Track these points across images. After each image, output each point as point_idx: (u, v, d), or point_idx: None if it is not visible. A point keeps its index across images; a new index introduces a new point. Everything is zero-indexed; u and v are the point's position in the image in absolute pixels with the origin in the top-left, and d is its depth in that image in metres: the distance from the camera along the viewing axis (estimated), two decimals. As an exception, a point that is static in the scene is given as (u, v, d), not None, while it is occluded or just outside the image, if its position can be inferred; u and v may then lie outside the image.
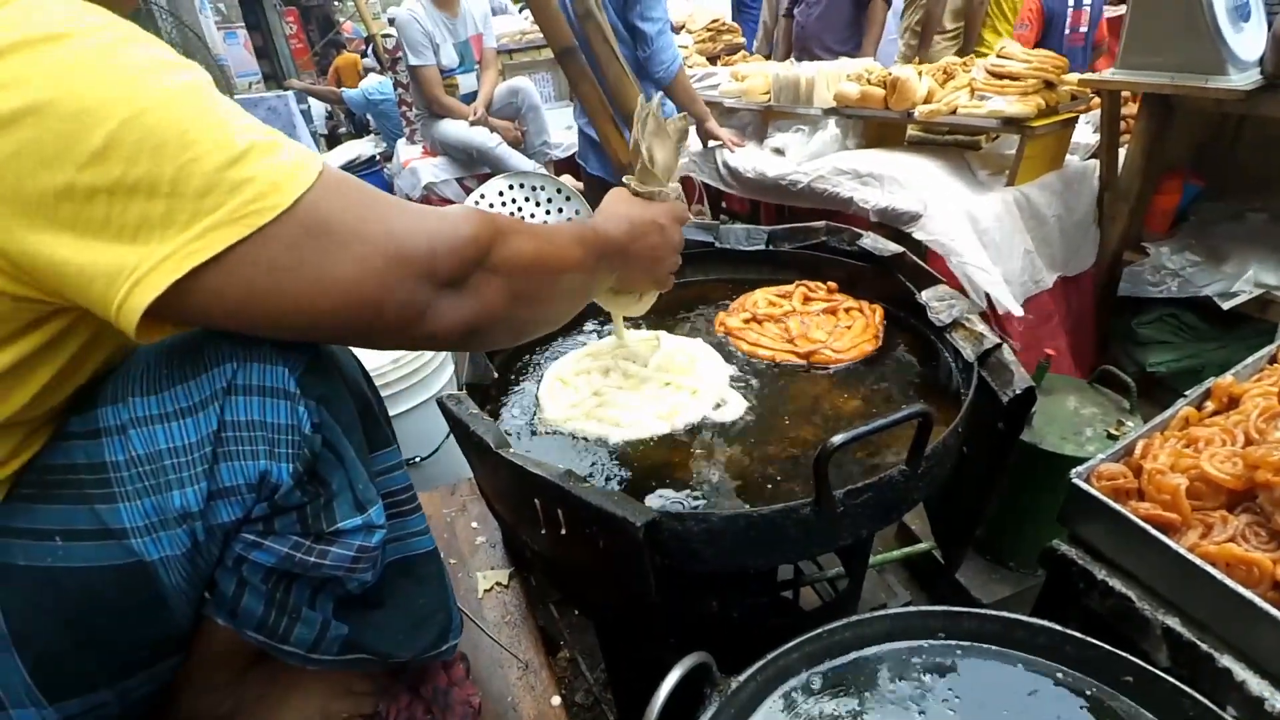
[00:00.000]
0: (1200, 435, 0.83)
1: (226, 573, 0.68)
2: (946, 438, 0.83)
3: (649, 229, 0.88)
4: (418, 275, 0.56)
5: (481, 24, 3.71)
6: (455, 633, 0.88)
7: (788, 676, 0.79)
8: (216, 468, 0.62)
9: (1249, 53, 1.44)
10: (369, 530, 0.72)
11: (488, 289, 0.62)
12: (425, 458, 1.67)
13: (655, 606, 0.81)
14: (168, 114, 0.49)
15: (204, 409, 0.62)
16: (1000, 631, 0.79)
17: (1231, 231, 1.79)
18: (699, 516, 0.75)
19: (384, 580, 0.79)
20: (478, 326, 0.62)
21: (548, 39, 1.55)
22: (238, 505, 0.64)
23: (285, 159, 0.53)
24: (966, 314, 1.08)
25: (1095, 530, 0.81)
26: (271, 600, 0.70)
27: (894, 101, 2.27)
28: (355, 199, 0.55)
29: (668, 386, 1.06)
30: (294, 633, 0.72)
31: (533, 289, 0.68)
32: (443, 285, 0.58)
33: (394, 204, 0.58)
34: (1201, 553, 0.70)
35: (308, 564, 0.69)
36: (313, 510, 0.68)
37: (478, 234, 0.60)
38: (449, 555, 1.17)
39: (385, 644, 0.80)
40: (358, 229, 0.54)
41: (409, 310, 0.57)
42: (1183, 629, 0.71)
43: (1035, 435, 1.49)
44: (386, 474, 0.79)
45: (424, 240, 0.57)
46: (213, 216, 0.50)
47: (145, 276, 0.49)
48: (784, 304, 1.29)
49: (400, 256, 0.55)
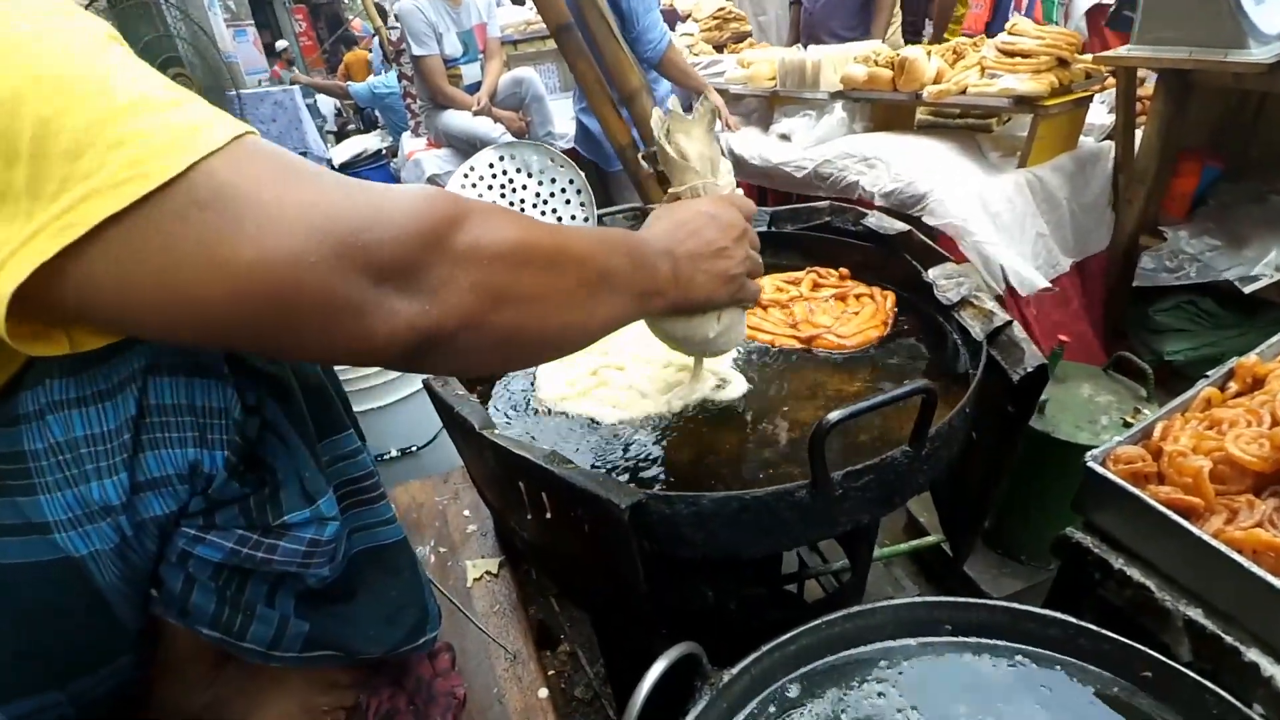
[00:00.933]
0: (1224, 416, 0.78)
1: (172, 569, 0.63)
2: (953, 418, 0.79)
3: (697, 221, 0.72)
4: (348, 261, 0.43)
5: (485, 13, 3.68)
6: (432, 625, 0.84)
7: (783, 671, 0.75)
8: (141, 457, 0.56)
9: (1271, 26, 1.38)
10: (320, 523, 0.66)
11: (452, 284, 0.48)
12: (422, 447, 1.65)
13: (645, 595, 0.78)
14: (34, 59, 0.40)
15: (122, 391, 0.55)
16: (1010, 624, 0.74)
17: (1252, 214, 1.73)
18: (687, 499, 0.71)
19: (352, 573, 0.74)
20: (439, 334, 0.48)
21: (544, 16, 1.51)
22: (170, 497, 0.58)
23: (183, 117, 0.42)
24: (976, 291, 1.03)
25: (1112, 517, 0.77)
26: (223, 597, 0.65)
27: (902, 83, 2.21)
28: (272, 169, 0.44)
29: (668, 367, 1.03)
30: (250, 630, 0.68)
31: (522, 286, 0.53)
32: (385, 277, 0.45)
33: (326, 178, 0.46)
34: (1226, 539, 0.65)
35: (256, 559, 0.64)
36: (256, 502, 0.63)
37: (433, 211, 0.47)
38: (440, 544, 1.14)
39: (355, 640, 0.76)
40: (267, 202, 0.42)
41: (337, 307, 0.44)
42: (1206, 620, 0.66)
43: (1048, 424, 1.44)
44: (344, 460, 0.73)
45: (358, 218, 0.44)
46: (86, 184, 0.39)
47: (5, 262, 0.39)
48: (791, 290, 1.25)
49: (325, 235, 0.43)
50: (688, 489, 0.80)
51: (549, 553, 0.92)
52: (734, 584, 0.98)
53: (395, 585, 0.79)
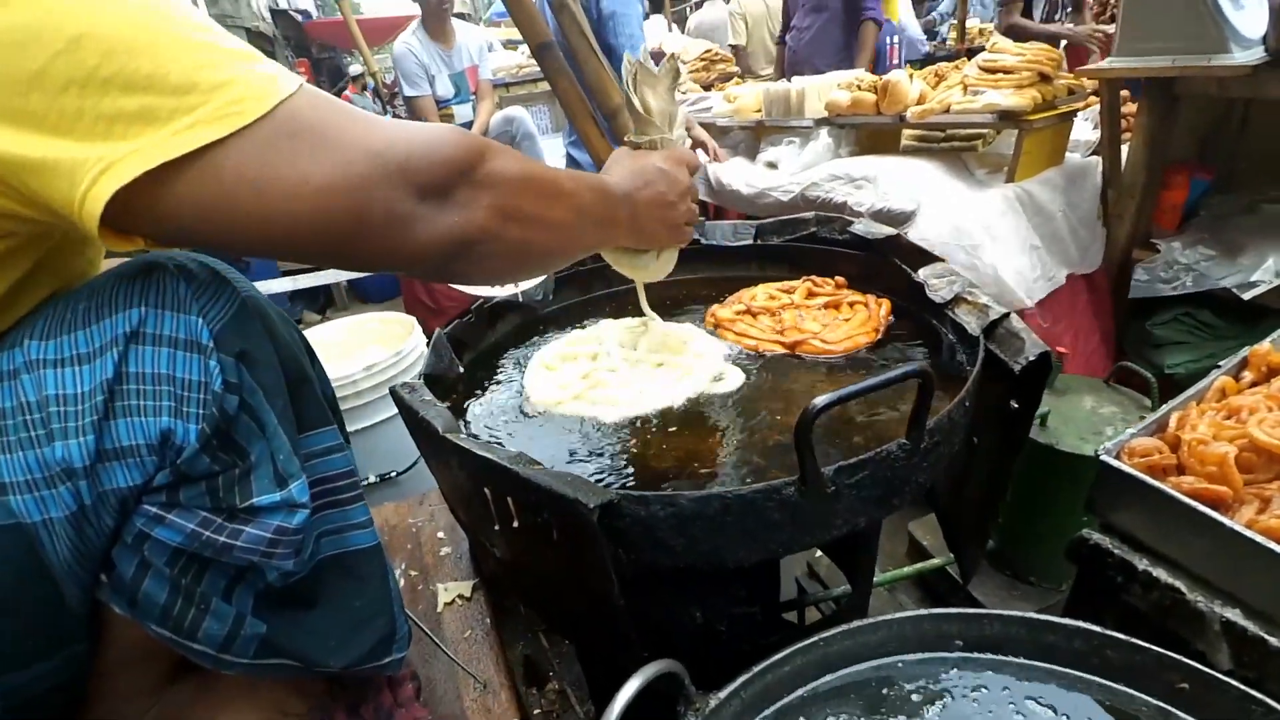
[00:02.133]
0: (1242, 404, 0.72)
1: (126, 551, 0.60)
2: (952, 410, 0.73)
3: (652, 175, 0.84)
4: (400, 181, 0.54)
5: (477, 56, 3.76)
6: (400, 645, 0.77)
7: (777, 695, 0.67)
8: (112, 423, 0.56)
9: (1252, 30, 1.38)
10: (289, 509, 0.63)
11: (475, 204, 0.59)
12: (401, 473, 1.57)
13: (620, 611, 0.70)
14: (148, 12, 0.48)
15: (101, 355, 0.56)
16: (1027, 637, 0.67)
17: (1245, 223, 1.70)
18: (664, 499, 0.65)
19: (317, 577, 0.70)
20: (466, 241, 0.59)
21: (524, 35, 1.50)
22: (135, 469, 0.57)
23: (267, 68, 0.52)
24: (969, 288, 0.99)
25: (1131, 514, 0.70)
26: (177, 587, 0.62)
27: (886, 105, 2.22)
28: (335, 109, 0.54)
29: (660, 367, 1.01)
30: (202, 626, 0.63)
31: (525, 208, 0.64)
32: (426, 195, 0.56)
33: (375, 118, 0.56)
34: (1262, 529, 0.59)
35: (217, 544, 0.61)
36: (225, 481, 0.61)
37: (461, 145, 0.58)
38: (411, 567, 1.06)
39: (313, 649, 0.70)
40: (338, 134, 0.52)
41: (395, 215, 0.54)
42: (1245, 622, 0.59)
43: (1052, 436, 1.38)
44: (322, 456, 0.70)
45: (404, 147, 0.55)
46: (191, 115, 0.48)
47: (112, 166, 0.46)
48: (783, 298, 1.21)
49: (381, 160, 0.53)
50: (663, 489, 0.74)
51: (521, 570, 0.85)
52: (724, 602, 0.90)
53: (362, 594, 0.74)
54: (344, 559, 0.73)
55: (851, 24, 3.71)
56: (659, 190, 0.84)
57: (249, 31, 10.59)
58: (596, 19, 2.34)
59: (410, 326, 1.77)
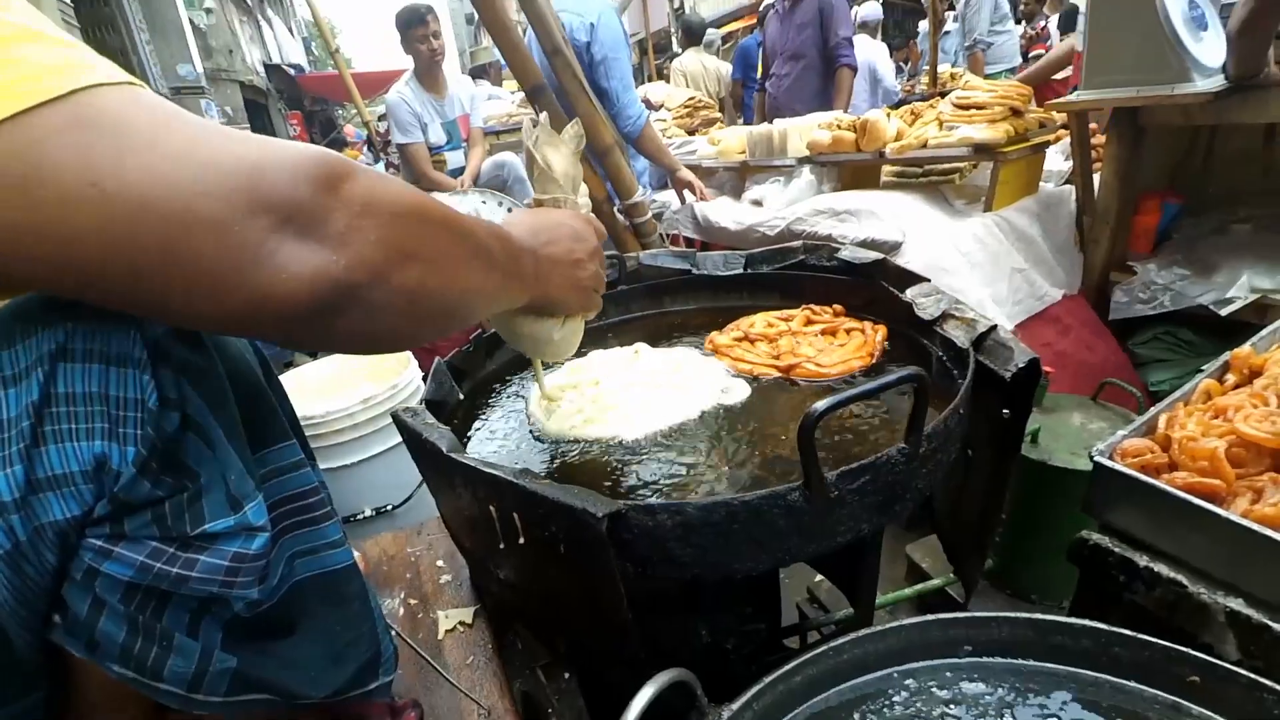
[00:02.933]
0: (1228, 403, 0.74)
1: (78, 589, 0.55)
2: (948, 418, 0.75)
3: (557, 231, 0.77)
4: (243, 196, 0.41)
5: (468, 105, 3.88)
6: (387, 668, 0.74)
7: (789, 706, 0.67)
8: (42, 450, 0.50)
9: (1211, 59, 1.46)
10: (247, 534, 0.58)
11: (358, 234, 0.46)
12: (397, 506, 1.56)
13: (628, 626, 0.70)
14: None
15: (26, 377, 0.50)
16: (1036, 639, 0.67)
17: (1217, 244, 1.77)
18: (671, 508, 0.65)
19: (292, 602, 0.66)
20: (348, 285, 0.45)
21: (517, 77, 1.57)
22: (72, 499, 0.52)
23: (79, 54, 0.41)
24: (955, 305, 1.01)
25: (1129, 513, 0.71)
26: (135, 625, 0.57)
27: (865, 143, 2.30)
28: (164, 110, 0.42)
29: (659, 389, 1.02)
30: (167, 665, 0.58)
31: (422, 245, 0.52)
32: (286, 220, 0.43)
33: (221, 128, 0.44)
34: (1258, 517, 0.60)
35: (170, 575, 0.55)
36: (173, 508, 0.55)
37: (326, 159, 0.46)
38: (410, 595, 1.04)
39: (291, 680, 0.66)
40: (156, 130, 0.40)
41: (232, 245, 0.41)
42: (1250, 611, 0.60)
43: (1044, 453, 1.40)
44: (285, 474, 0.66)
45: (252, 155, 0.42)
46: None
47: None
48: (781, 325, 1.23)
49: (219, 169, 0.41)
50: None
51: (526, 591, 0.84)
52: (731, 620, 0.89)
53: (342, 618, 0.70)
54: (321, 580, 0.69)
55: (828, 70, 3.89)
56: (566, 246, 0.76)
57: (243, 84, 10.81)
58: (589, 64, 2.44)
59: (405, 360, 1.78)
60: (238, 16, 12.49)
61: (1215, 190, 1.97)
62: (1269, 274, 1.58)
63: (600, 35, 2.45)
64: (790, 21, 3.88)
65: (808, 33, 3.81)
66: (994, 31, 5.20)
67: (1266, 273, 1.58)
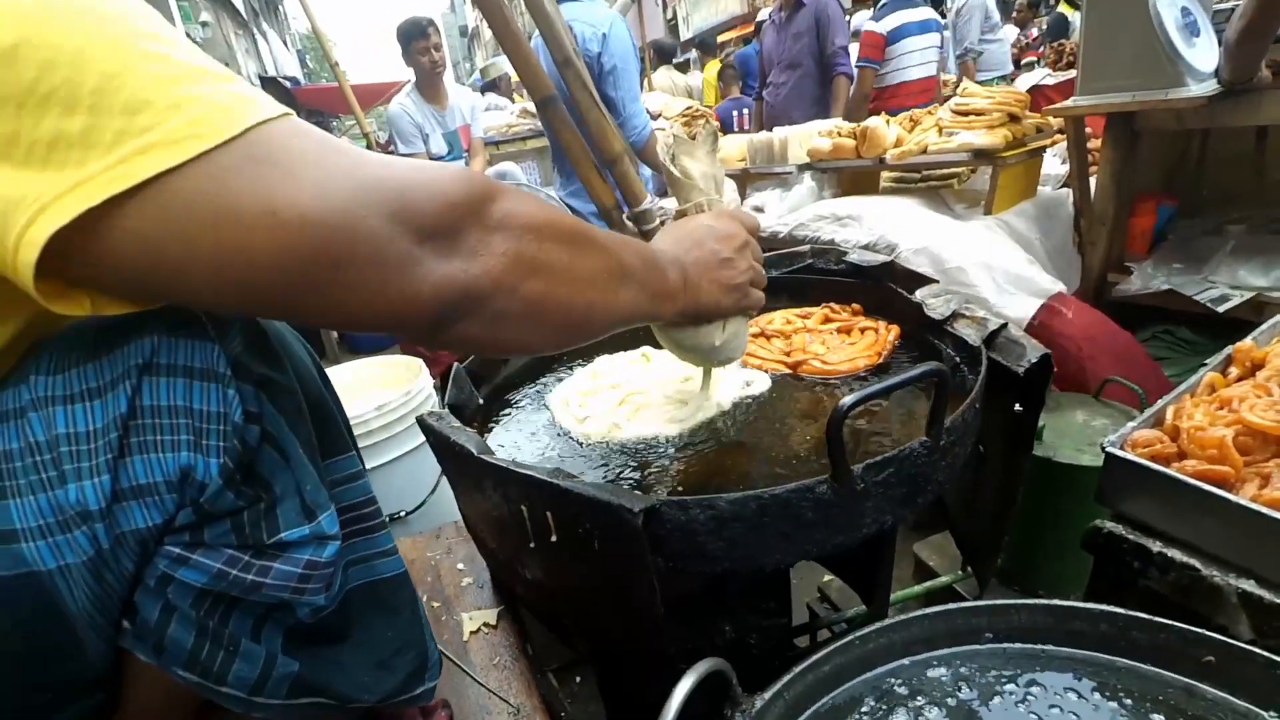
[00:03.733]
0: (1232, 395, 0.77)
1: (149, 595, 0.56)
2: (965, 411, 0.77)
3: (701, 234, 0.76)
4: (393, 214, 0.46)
5: (469, 115, 3.91)
6: (433, 673, 0.76)
7: (819, 694, 0.69)
8: (128, 461, 0.52)
9: (1204, 65, 1.50)
10: (319, 542, 0.60)
11: (487, 249, 0.50)
12: (410, 512, 1.57)
13: (660, 621, 0.72)
14: (98, 17, 0.41)
15: (113, 389, 0.52)
16: (1054, 625, 0.70)
17: (1212, 244, 1.81)
18: (704, 503, 0.68)
19: (346, 610, 0.68)
20: (475, 294, 0.50)
21: (528, 89, 1.59)
22: (155, 508, 0.53)
23: (241, 89, 0.44)
24: (966, 304, 1.04)
25: (1142, 501, 0.74)
26: (204, 630, 0.58)
27: (865, 150, 2.34)
28: (323, 140, 0.46)
29: (688, 381, 1.04)
30: (232, 669, 0.60)
31: (548, 257, 0.55)
32: (426, 236, 0.47)
33: (369, 153, 0.49)
34: (1267, 501, 0.63)
35: (245, 583, 0.57)
36: (250, 517, 0.57)
37: (471, 181, 0.50)
38: (433, 598, 1.06)
39: (346, 685, 0.68)
40: (318, 160, 0.44)
41: (385, 259, 0.45)
42: (1261, 591, 0.62)
43: (1049, 449, 1.43)
44: (345, 484, 0.69)
45: (405, 181, 0.47)
46: (142, 138, 0.40)
47: (51, 204, 0.39)
48: (798, 322, 1.26)
49: (371, 191, 0.45)
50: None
51: (554, 590, 0.86)
52: (754, 615, 0.91)
53: (393, 625, 0.72)
54: (373, 588, 0.72)
55: (824, 79, 3.94)
56: (711, 249, 0.75)
57: (239, 99, 10.77)
58: (598, 74, 2.48)
59: (417, 368, 1.79)
60: (233, 30, 12.55)
61: (1209, 192, 2.01)
62: (1263, 273, 1.62)
63: (612, 46, 2.49)
64: (787, 31, 3.93)
65: (804, 41, 3.87)
66: (984, 40, 5.28)
67: (1261, 271, 1.62)
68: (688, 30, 14.58)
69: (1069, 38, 5.13)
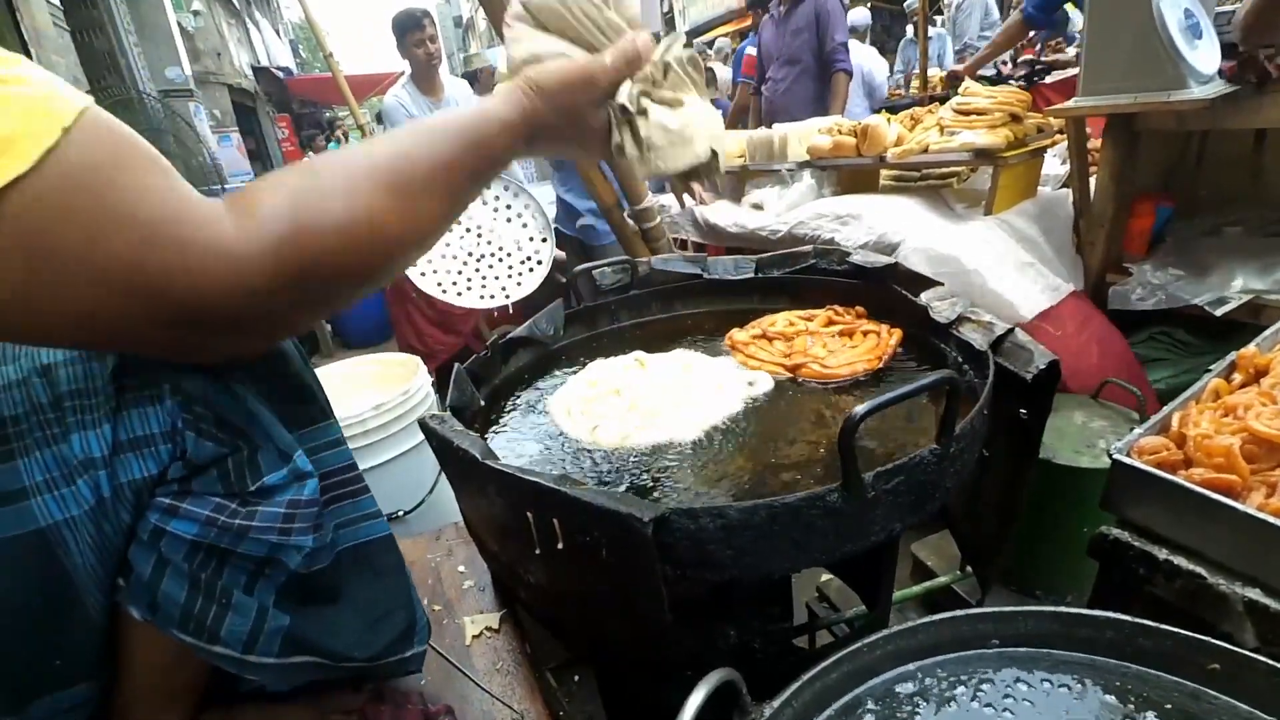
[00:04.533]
0: (1237, 402, 0.77)
1: (143, 550, 0.59)
2: (973, 418, 0.77)
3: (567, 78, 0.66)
4: (166, 322, 0.45)
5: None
6: (421, 637, 0.78)
7: (827, 701, 0.69)
8: (125, 413, 0.56)
9: (1206, 66, 1.51)
10: (299, 481, 0.63)
11: (259, 240, 0.47)
12: (408, 512, 1.56)
13: (668, 628, 0.72)
14: None
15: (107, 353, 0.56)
16: (1061, 631, 0.70)
17: (1210, 246, 1.82)
18: (713, 511, 0.67)
19: (336, 570, 0.69)
20: (292, 326, 0.56)
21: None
22: (151, 459, 0.57)
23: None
24: (971, 308, 1.04)
25: (1148, 508, 0.74)
26: (196, 583, 0.61)
27: (866, 148, 2.33)
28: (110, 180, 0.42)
29: (690, 389, 1.04)
30: (225, 624, 0.62)
31: (376, 248, 0.54)
32: (214, 330, 0.48)
33: (146, 185, 0.44)
34: (1275, 510, 0.63)
35: (233, 529, 0.60)
36: (235, 464, 0.60)
37: (228, 197, 0.49)
38: (434, 602, 1.05)
39: (337, 641, 0.70)
40: (90, 239, 0.41)
41: (169, 265, 0.44)
42: (1267, 600, 0.62)
43: (1048, 451, 1.43)
44: (328, 449, 0.70)
45: (163, 268, 0.44)
46: None
47: None
48: (801, 324, 1.26)
49: (136, 297, 0.44)
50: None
51: (558, 595, 0.86)
52: (759, 621, 0.91)
53: (380, 586, 0.74)
54: (361, 550, 0.73)
55: (824, 75, 3.92)
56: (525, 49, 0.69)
57: (231, 88, 10.73)
58: None
59: (415, 366, 1.78)
60: (225, 19, 12.41)
61: (1207, 194, 2.02)
62: (1261, 275, 1.62)
63: None
64: (786, 27, 3.90)
65: (804, 37, 3.84)
66: (983, 37, 5.28)
67: (1258, 274, 1.63)
68: (685, 23, 14.52)
69: (1066, 35, 5.13)
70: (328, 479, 0.69)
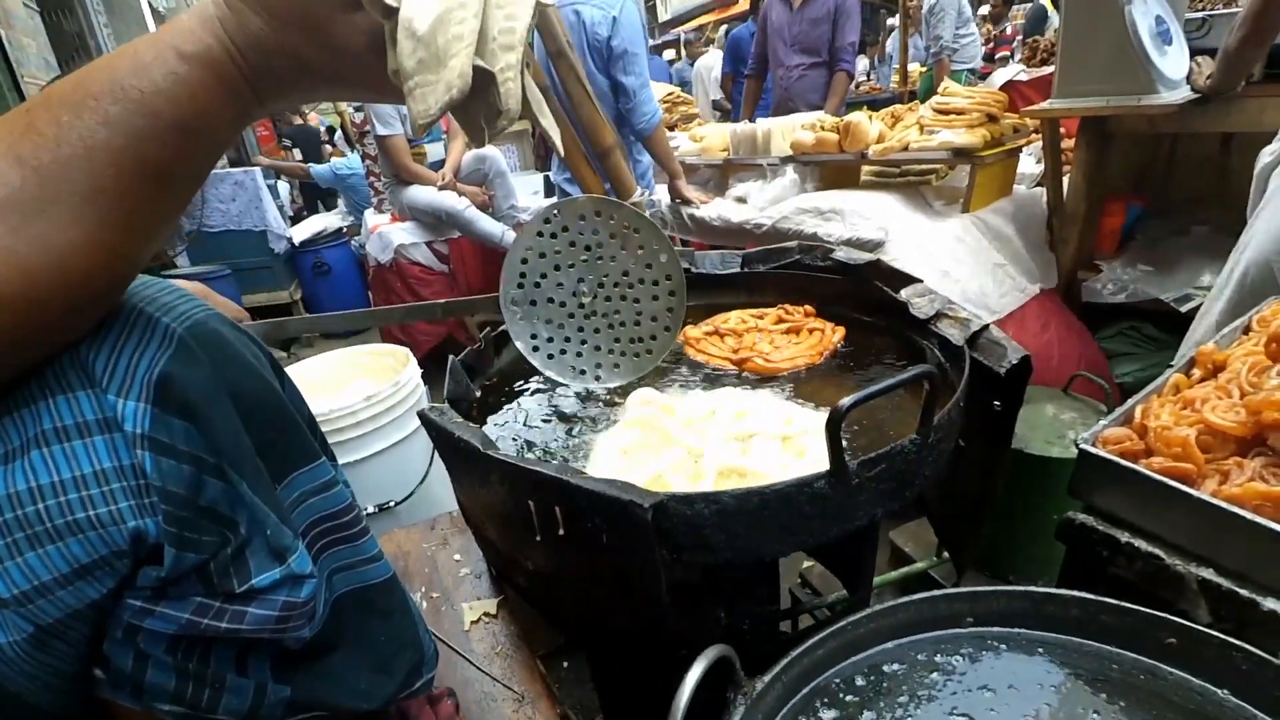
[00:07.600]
0: (1196, 396, 0.83)
1: (119, 646, 0.52)
2: (951, 410, 0.81)
3: None
4: None
5: (449, 97, 3.85)
6: (429, 665, 0.76)
7: (813, 675, 0.73)
8: (56, 545, 0.46)
9: (1175, 72, 1.57)
10: (293, 583, 0.55)
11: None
12: (400, 502, 1.58)
13: (666, 610, 0.75)
14: None
15: (21, 455, 0.46)
16: (1031, 609, 0.75)
17: (1178, 245, 1.89)
18: (709, 497, 0.71)
19: (337, 620, 0.64)
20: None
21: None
22: (108, 577, 0.49)
23: None
24: (949, 304, 1.09)
25: (1112, 495, 0.79)
26: (184, 672, 0.54)
27: (848, 144, 2.38)
28: None
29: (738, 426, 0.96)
30: (221, 703, 0.56)
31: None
32: None
33: None
34: (1226, 496, 0.68)
35: (219, 629, 0.53)
36: (218, 565, 0.52)
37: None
38: (431, 590, 1.08)
39: (343, 695, 0.65)
40: None
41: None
42: (1219, 579, 0.68)
43: (1020, 441, 1.50)
44: (319, 494, 0.63)
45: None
46: None
47: None
48: (752, 322, 1.31)
49: None
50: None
51: (557, 581, 0.89)
52: (748, 603, 0.95)
53: (385, 630, 0.71)
54: (363, 594, 0.69)
55: (832, 70, 3.92)
56: None
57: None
58: (608, 56, 2.43)
59: (405, 358, 1.79)
60: None
61: (1176, 194, 2.10)
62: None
63: (623, 29, 2.44)
64: (803, 14, 3.80)
65: (822, 29, 3.76)
66: (958, 35, 5.36)
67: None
68: (666, 12, 14.44)
69: (1044, 34, 5.22)
70: (323, 524, 0.63)
